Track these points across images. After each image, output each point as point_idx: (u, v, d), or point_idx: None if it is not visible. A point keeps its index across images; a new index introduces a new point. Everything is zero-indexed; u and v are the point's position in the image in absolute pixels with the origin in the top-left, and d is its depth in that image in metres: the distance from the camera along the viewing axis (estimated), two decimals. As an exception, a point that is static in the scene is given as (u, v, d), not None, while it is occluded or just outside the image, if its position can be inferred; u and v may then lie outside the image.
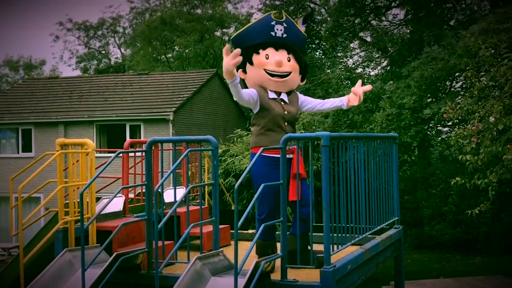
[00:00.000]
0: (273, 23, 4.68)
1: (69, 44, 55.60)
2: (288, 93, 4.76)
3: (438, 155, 22.84)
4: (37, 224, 11.78)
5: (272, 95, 4.63)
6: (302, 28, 4.94)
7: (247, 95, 4.51)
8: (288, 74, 4.66)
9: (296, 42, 4.79)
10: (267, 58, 4.64)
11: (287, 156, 4.15)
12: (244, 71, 4.74)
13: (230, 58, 4.07)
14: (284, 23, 4.71)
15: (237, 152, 15.64)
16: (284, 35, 4.68)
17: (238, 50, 4.12)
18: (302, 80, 4.89)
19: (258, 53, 4.66)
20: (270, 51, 4.66)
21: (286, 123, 4.59)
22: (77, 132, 21.58)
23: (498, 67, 9.01)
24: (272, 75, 4.62)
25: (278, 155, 4.21)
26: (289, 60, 4.69)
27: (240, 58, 4.11)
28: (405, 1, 21.14)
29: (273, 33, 4.67)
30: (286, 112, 4.60)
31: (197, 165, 6.42)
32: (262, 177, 4.33)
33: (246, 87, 4.85)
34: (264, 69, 4.63)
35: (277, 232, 4.66)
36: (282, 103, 4.65)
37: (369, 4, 22.09)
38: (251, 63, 4.67)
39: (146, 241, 4.30)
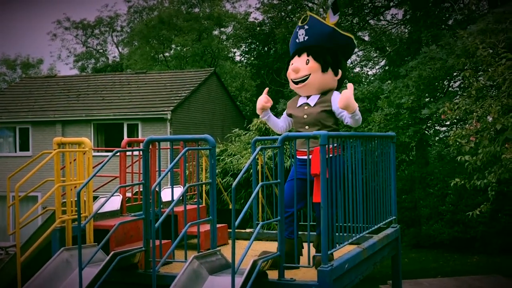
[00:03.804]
0: (297, 29, 4.74)
1: (67, 43, 55.69)
2: (323, 94, 4.62)
3: (436, 154, 22.87)
4: (34, 223, 11.80)
5: (301, 101, 4.67)
6: (333, 19, 4.78)
7: (283, 121, 4.87)
8: (306, 77, 4.60)
9: (319, 39, 4.66)
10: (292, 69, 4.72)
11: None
12: None
13: (261, 96, 4.52)
14: (305, 26, 4.68)
15: (235, 151, 15.63)
16: (305, 38, 4.68)
17: (266, 89, 4.74)
18: (335, 74, 4.67)
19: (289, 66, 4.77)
20: (294, 60, 4.72)
21: (307, 126, 4.55)
22: (74, 131, 21.56)
23: (496, 66, 9.00)
24: (295, 83, 4.68)
25: (301, 156, 4.44)
26: (307, 63, 4.61)
27: (268, 98, 4.66)
28: (403, 1, 21.17)
29: (297, 40, 4.73)
30: (305, 116, 4.57)
31: (194, 164, 6.42)
32: (288, 177, 4.49)
33: None
34: (291, 80, 4.72)
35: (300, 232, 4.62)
36: (306, 107, 4.60)
37: (367, 4, 22.11)
38: None
39: (144, 240, 4.30)
